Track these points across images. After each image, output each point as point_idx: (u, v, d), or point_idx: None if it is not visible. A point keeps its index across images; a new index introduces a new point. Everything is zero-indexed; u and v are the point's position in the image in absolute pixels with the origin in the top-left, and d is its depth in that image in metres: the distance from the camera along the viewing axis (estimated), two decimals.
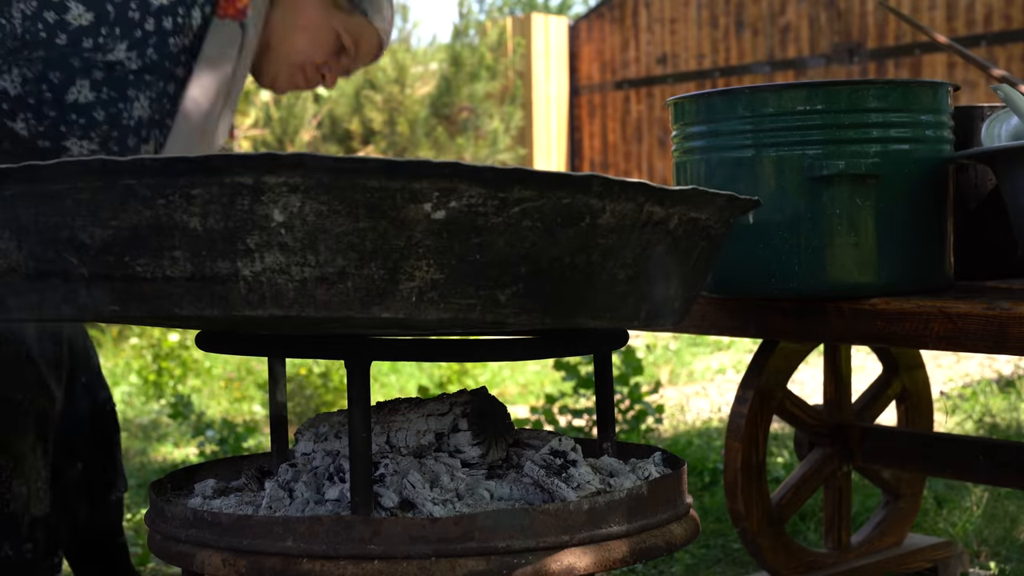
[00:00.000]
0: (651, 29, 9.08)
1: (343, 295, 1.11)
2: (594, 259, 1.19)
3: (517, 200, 1.12)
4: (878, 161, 1.67)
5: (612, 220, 1.18)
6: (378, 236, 1.09)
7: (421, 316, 1.13)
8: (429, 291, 1.12)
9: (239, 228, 1.09)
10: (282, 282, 1.11)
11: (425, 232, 1.10)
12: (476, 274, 1.13)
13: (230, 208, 1.08)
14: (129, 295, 1.15)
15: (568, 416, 3.79)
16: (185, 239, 1.10)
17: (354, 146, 8.82)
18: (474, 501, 1.37)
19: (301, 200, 1.08)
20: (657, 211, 1.22)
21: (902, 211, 1.69)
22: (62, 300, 1.20)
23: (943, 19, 7.54)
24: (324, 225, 1.09)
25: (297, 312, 1.11)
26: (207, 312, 1.13)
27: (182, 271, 1.12)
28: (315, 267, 1.10)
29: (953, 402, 4.52)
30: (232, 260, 1.10)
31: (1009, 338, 1.47)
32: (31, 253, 1.19)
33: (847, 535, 2.38)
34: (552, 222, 1.14)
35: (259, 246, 1.10)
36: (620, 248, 1.21)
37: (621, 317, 1.27)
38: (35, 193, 1.15)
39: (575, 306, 1.21)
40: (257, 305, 1.11)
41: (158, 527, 1.39)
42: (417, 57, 9.07)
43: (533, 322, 1.18)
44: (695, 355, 6.32)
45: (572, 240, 1.16)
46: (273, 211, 1.08)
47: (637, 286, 1.26)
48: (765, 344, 2.19)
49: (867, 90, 1.68)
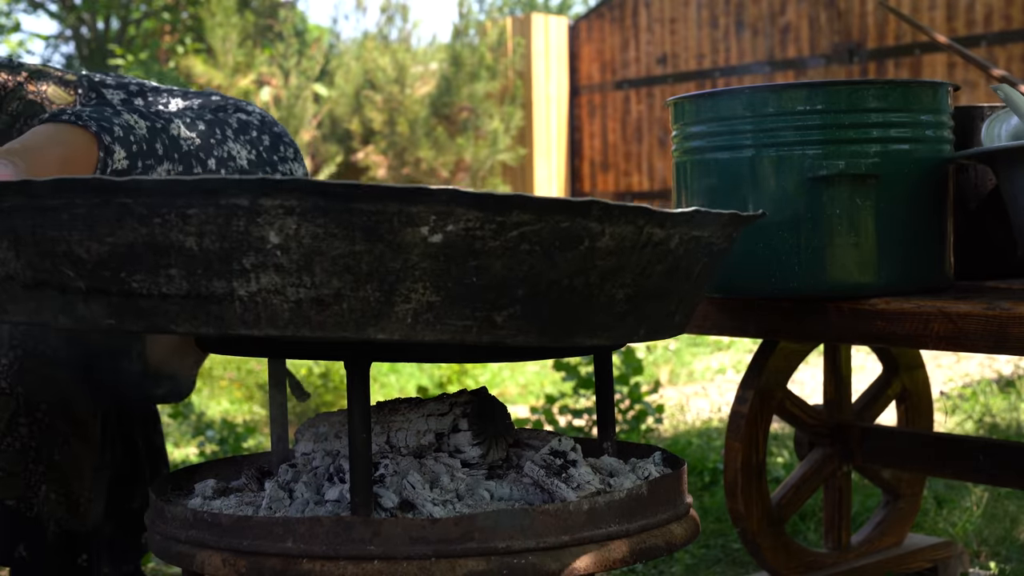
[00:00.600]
0: (651, 29, 9.08)
1: (338, 316, 1.12)
2: (592, 281, 1.19)
3: (515, 224, 1.11)
4: (878, 161, 1.67)
5: (611, 243, 1.18)
6: (374, 259, 1.10)
7: (417, 337, 1.13)
8: (425, 313, 1.12)
9: (235, 249, 1.10)
10: (277, 302, 1.11)
11: (422, 255, 1.10)
12: (473, 296, 1.13)
13: (226, 229, 1.09)
14: (125, 310, 1.16)
15: (568, 416, 3.79)
16: (181, 258, 1.11)
17: (354, 146, 8.83)
18: (474, 501, 1.37)
19: (297, 223, 1.08)
20: (657, 232, 1.21)
21: (902, 211, 1.69)
22: (59, 310, 1.21)
23: (943, 19, 7.54)
24: (320, 247, 1.09)
25: (292, 332, 1.12)
26: (203, 330, 1.14)
27: (178, 289, 1.13)
28: (311, 288, 1.11)
29: (953, 402, 4.52)
30: (228, 280, 1.11)
31: (1009, 338, 1.47)
32: (28, 263, 1.20)
33: (847, 535, 2.38)
34: (551, 246, 1.14)
35: (255, 267, 1.10)
36: (619, 269, 1.20)
37: (619, 335, 1.27)
38: (32, 207, 1.16)
39: (572, 326, 1.21)
40: (252, 325, 1.12)
41: (158, 527, 1.39)
42: (417, 57, 9.07)
43: (530, 342, 1.18)
44: (695, 355, 6.32)
45: (570, 263, 1.16)
46: (269, 233, 1.09)
47: (636, 305, 1.26)
48: (765, 344, 2.19)
49: (867, 90, 1.68)
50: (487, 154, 8.68)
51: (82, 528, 1.88)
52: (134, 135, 1.60)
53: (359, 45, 9.40)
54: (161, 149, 1.63)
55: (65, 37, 11.51)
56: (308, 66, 8.66)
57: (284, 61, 8.66)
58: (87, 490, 1.87)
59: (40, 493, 1.82)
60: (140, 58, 9.61)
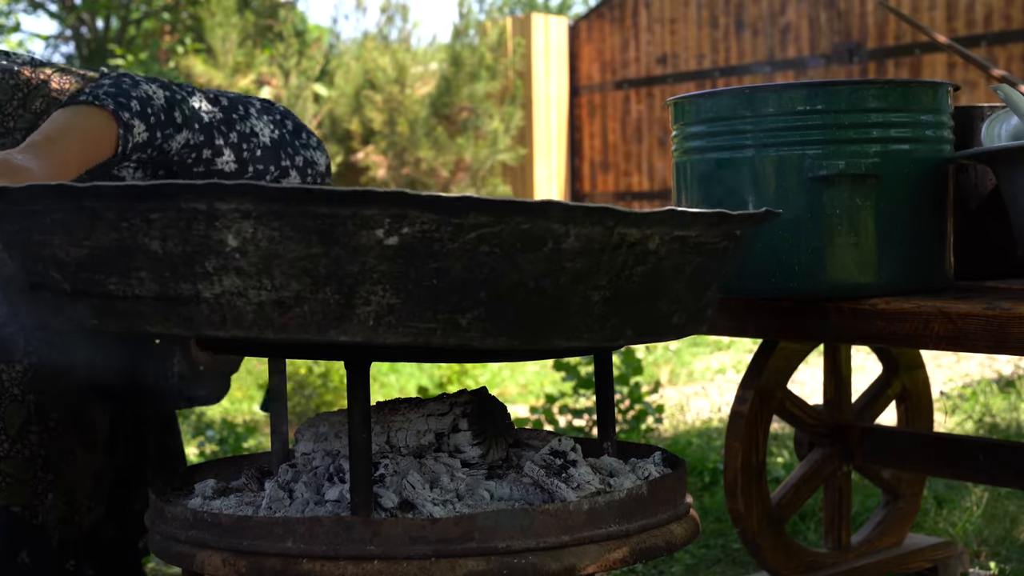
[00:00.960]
0: (651, 29, 9.08)
1: (300, 318, 1.12)
2: (562, 282, 1.17)
3: (473, 226, 1.11)
4: (878, 161, 1.67)
5: (577, 244, 1.15)
6: (331, 261, 1.10)
7: (379, 340, 1.13)
8: (387, 315, 1.12)
9: (197, 252, 1.11)
10: (241, 304, 1.12)
11: (379, 257, 1.10)
12: (434, 299, 1.13)
13: (187, 233, 1.11)
14: (106, 311, 1.18)
15: (568, 416, 3.79)
16: (149, 261, 1.13)
17: (354, 146, 8.82)
18: (474, 501, 1.37)
19: (254, 226, 1.09)
20: (632, 233, 1.19)
21: (902, 211, 1.69)
22: (52, 311, 1.23)
23: (943, 19, 7.54)
24: (277, 251, 1.10)
25: (257, 334, 1.13)
26: (175, 331, 1.15)
27: (149, 291, 1.15)
28: (271, 291, 1.11)
29: (953, 402, 4.52)
30: (193, 282, 1.12)
31: (1009, 338, 1.47)
32: (22, 265, 1.22)
33: (847, 535, 2.38)
34: (511, 247, 1.13)
35: (217, 270, 1.11)
36: (591, 271, 1.18)
37: (602, 338, 1.24)
38: (16, 212, 1.18)
39: (546, 329, 1.19)
40: (220, 326, 1.13)
41: (158, 527, 1.39)
42: (417, 57, 9.06)
43: (500, 345, 1.17)
44: (695, 355, 6.32)
45: (535, 265, 1.14)
46: (227, 236, 1.10)
47: (616, 307, 1.23)
48: (765, 344, 2.19)
49: (867, 90, 1.68)
50: (487, 154, 8.68)
51: (76, 536, 1.87)
52: (152, 106, 1.60)
53: (359, 45, 9.40)
54: (180, 118, 1.63)
55: (65, 37, 11.51)
56: (308, 66, 8.66)
57: (284, 61, 8.66)
58: (87, 499, 1.87)
59: (47, 501, 1.82)
60: (140, 58, 9.60)
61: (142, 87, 1.61)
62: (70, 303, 1.20)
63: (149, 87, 1.62)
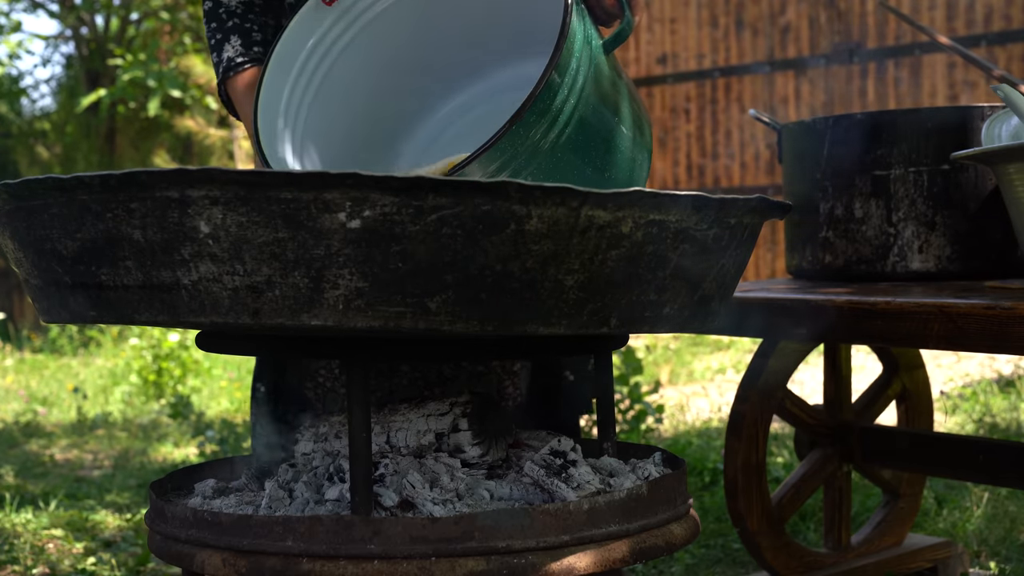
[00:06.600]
0: (651, 29, 9.08)
1: (273, 303, 1.13)
2: (530, 266, 1.16)
3: (433, 208, 1.11)
4: None
5: (542, 226, 1.14)
6: (298, 246, 1.11)
7: (350, 323, 1.13)
8: (355, 299, 1.13)
9: (173, 239, 1.13)
10: (217, 290, 1.13)
11: (343, 241, 1.11)
12: (401, 282, 1.13)
13: (163, 220, 1.12)
14: (100, 301, 1.19)
15: None
16: (133, 250, 1.15)
17: None
18: (474, 501, 1.37)
19: (223, 212, 1.10)
20: (600, 215, 1.16)
21: None
22: (60, 306, 1.24)
23: (943, 19, 7.54)
24: (246, 236, 1.11)
25: (234, 319, 1.14)
26: (159, 318, 1.17)
27: (135, 280, 1.16)
28: (244, 276, 1.12)
29: (953, 402, 4.52)
30: (172, 270, 1.14)
31: (1009, 338, 1.47)
32: (34, 263, 1.23)
33: (847, 535, 2.38)
34: (474, 229, 1.12)
35: (193, 256, 1.13)
36: (560, 254, 1.16)
37: (580, 325, 1.21)
38: (23, 208, 1.20)
39: (519, 313, 1.17)
40: (199, 312, 1.15)
41: (158, 527, 1.39)
42: None
43: (472, 329, 1.16)
44: (695, 355, 6.32)
45: (500, 248, 1.14)
46: (199, 223, 1.11)
47: (593, 293, 1.21)
48: (765, 344, 2.19)
49: None
50: None
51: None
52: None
53: None
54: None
55: (65, 37, 11.51)
56: None
57: None
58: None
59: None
60: (140, 58, 9.60)
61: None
62: (71, 295, 1.21)
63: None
